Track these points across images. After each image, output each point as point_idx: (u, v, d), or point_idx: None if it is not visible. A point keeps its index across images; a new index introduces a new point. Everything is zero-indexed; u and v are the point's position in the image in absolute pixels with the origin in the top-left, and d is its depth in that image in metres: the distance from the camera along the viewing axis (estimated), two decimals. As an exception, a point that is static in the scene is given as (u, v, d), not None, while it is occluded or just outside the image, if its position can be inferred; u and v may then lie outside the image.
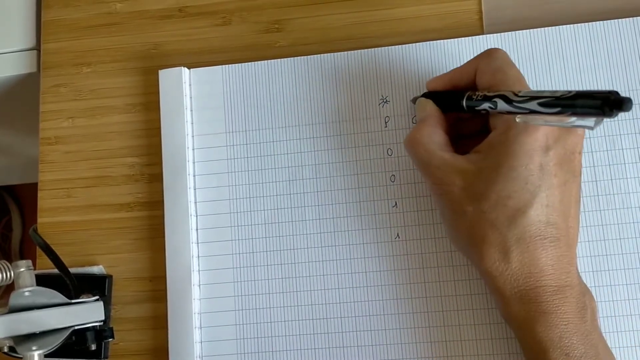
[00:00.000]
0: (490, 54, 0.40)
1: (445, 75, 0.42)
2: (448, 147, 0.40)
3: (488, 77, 0.39)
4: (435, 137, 0.40)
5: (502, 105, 0.37)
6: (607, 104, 0.31)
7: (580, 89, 0.44)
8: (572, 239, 0.38)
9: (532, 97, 0.35)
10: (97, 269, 0.47)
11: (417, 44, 0.46)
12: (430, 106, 0.42)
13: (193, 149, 0.47)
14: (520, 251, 0.36)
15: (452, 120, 0.42)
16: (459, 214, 0.38)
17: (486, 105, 0.38)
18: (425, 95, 0.43)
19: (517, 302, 0.37)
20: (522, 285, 0.36)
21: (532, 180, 0.36)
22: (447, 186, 0.38)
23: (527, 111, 0.35)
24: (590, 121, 0.33)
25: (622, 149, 0.43)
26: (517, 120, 0.36)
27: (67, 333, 0.41)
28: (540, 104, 0.34)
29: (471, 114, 0.40)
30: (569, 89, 0.43)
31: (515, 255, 0.36)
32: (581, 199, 0.41)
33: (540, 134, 0.36)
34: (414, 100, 0.44)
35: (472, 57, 0.42)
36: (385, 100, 0.46)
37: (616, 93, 0.31)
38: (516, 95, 0.36)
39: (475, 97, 0.39)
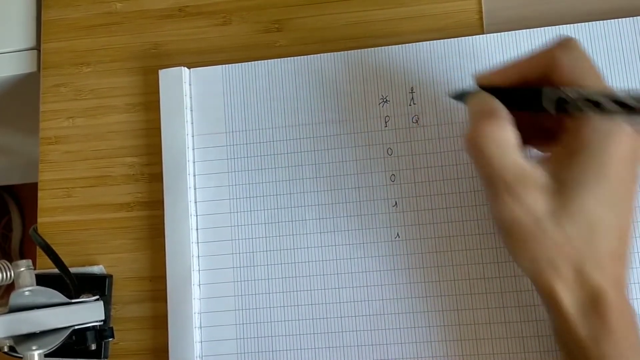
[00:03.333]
0: (569, 45, 0.36)
1: (509, 69, 0.37)
2: (521, 151, 0.35)
3: (571, 70, 0.35)
4: (509, 134, 0.34)
5: (611, 106, 0.32)
6: None
7: None
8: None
9: None
10: (97, 269, 0.47)
11: (417, 43, 0.46)
12: (496, 102, 0.36)
13: (193, 149, 0.47)
14: (596, 270, 0.34)
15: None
16: (533, 238, 0.34)
17: (586, 106, 0.33)
18: (482, 90, 0.38)
19: (582, 319, 0.34)
20: (589, 304, 0.34)
21: (617, 196, 0.34)
22: (524, 204, 0.34)
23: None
24: None
25: (622, 149, 0.43)
26: (625, 125, 0.32)
27: (67, 333, 0.41)
28: None
29: (557, 114, 0.35)
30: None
31: (589, 275, 0.34)
32: None
33: (629, 145, 0.33)
34: (458, 97, 0.39)
35: (472, 57, 0.41)
36: (385, 100, 0.46)
37: None
38: (633, 97, 0.32)
39: (570, 96, 0.34)
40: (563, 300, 0.35)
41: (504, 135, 0.34)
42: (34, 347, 0.40)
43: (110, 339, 0.45)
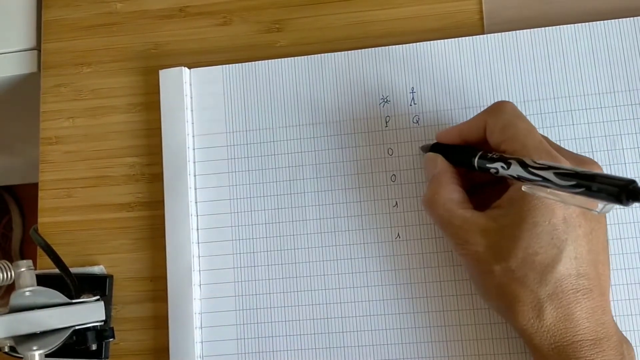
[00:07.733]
0: (498, 109, 0.39)
1: (454, 129, 0.41)
2: (467, 204, 0.39)
3: (498, 134, 0.38)
4: (452, 194, 0.39)
5: (515, 168, 0.35)
6: (625, 191, 0.29)
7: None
8: (604, 286, 0.37)
9: (550, 167, 0.33)
10: (97, 269, 0.47)
11: (417, 43, 0.46)
12: (440, 161, 0.41)
13: (193, 149, 0.47)
14: (554, 307, 0.35)
15: (464, 171, 0.41)
16: (487, 274, 0.37)
17: (498, 165, 0.37)
18: (434, 147, 0.42)
19: (555, 358, 0.36)
20: (558, 341, 0.35)
21: (557, 235, 0.35)
22: (471, 246, 0.37)
23: (539, 179, 0.34)
24: (598, 204, 0.31)
25: (622, 149, 0.44)
26: (523, 188, 0.35)
27: (67, 333, 0.41)
28: (556, 174, 0.33)
29: (481, 172, 0.39)
30: (570, 97, 0.44)
31: (549, 312, 0.36)
32: (609, 240, 0.41)
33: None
34: (424, 149, 0.44)
35: (472, 57, 0.41)
36: (385, 100, 0.46)
37: (636, 184, 0.30)
38: (534, 162, 0.34)
39: (489, 156, 0.37)
40: (533, 337, 0.37)
41: (449, 196, 0.39)
42: (34, 348, 0.40)
43: (110, 339, 0.45)
